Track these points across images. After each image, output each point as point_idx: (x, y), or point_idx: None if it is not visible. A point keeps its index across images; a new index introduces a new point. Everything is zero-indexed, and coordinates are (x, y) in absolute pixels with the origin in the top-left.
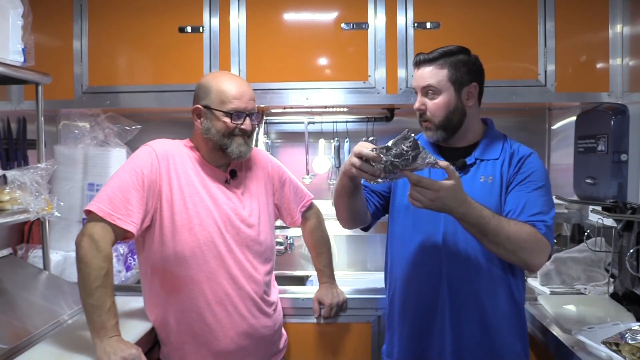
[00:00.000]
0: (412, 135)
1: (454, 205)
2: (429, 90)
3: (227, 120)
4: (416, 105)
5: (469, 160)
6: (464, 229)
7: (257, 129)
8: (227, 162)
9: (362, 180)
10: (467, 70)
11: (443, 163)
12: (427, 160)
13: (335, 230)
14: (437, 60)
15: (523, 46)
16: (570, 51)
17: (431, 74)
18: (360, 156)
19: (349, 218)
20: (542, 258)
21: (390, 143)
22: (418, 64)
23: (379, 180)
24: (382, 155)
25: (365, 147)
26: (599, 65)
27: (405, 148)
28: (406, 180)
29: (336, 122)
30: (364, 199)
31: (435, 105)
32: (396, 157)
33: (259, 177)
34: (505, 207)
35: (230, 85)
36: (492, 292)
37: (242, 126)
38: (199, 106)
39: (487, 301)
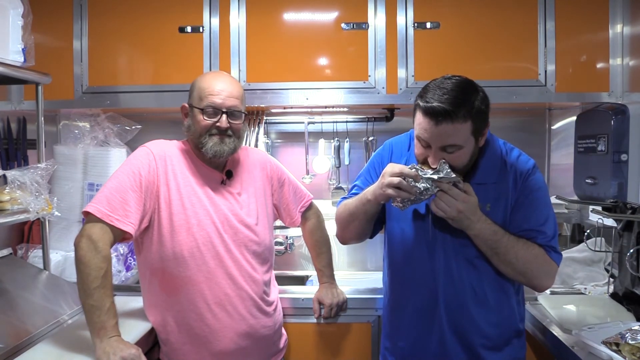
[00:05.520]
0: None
1: (474, 219)
2: (449, 147)
3: (201, 117)
4: (431, 160)
5: None
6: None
7: (245, 129)
8: (224, 162)
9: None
10: (485, 116)
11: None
12: (453, 176)
13: (335, 230)
14: (459, 114)
15: (523, 46)
16: (570, 51)
17: (454, 132)
18: (400, 174)
19: (355, 238)
20: (549, 281)
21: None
22: (435, 116)
23: (408, 203)
24: (420, 174)
25: (404, 167)
26: (599, 65)
27: (447, 168)
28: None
29: (336, 122)
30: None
31: (457, 158)
32: (435, 174)
33: (258, 178)
34: (511, 229)
35: (210, 82)
36: (492, 297)
37: (218, 123)
38: (185, 104)
39: (486, 308)
